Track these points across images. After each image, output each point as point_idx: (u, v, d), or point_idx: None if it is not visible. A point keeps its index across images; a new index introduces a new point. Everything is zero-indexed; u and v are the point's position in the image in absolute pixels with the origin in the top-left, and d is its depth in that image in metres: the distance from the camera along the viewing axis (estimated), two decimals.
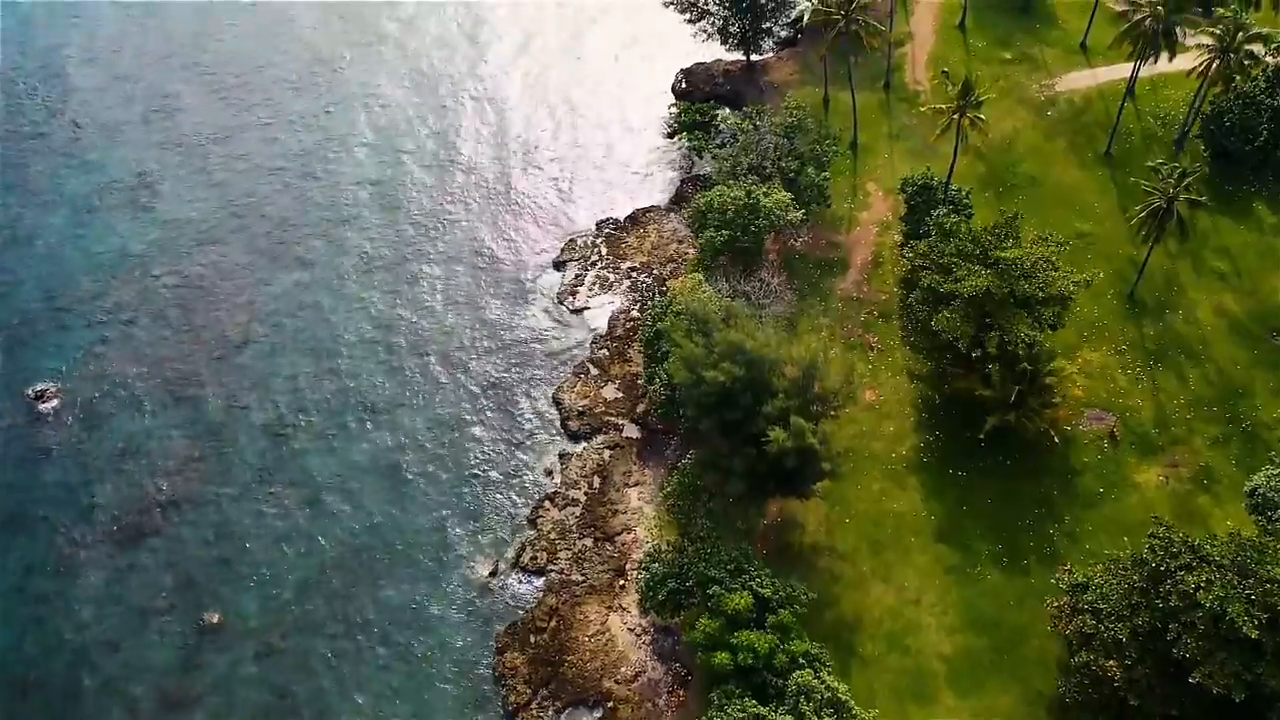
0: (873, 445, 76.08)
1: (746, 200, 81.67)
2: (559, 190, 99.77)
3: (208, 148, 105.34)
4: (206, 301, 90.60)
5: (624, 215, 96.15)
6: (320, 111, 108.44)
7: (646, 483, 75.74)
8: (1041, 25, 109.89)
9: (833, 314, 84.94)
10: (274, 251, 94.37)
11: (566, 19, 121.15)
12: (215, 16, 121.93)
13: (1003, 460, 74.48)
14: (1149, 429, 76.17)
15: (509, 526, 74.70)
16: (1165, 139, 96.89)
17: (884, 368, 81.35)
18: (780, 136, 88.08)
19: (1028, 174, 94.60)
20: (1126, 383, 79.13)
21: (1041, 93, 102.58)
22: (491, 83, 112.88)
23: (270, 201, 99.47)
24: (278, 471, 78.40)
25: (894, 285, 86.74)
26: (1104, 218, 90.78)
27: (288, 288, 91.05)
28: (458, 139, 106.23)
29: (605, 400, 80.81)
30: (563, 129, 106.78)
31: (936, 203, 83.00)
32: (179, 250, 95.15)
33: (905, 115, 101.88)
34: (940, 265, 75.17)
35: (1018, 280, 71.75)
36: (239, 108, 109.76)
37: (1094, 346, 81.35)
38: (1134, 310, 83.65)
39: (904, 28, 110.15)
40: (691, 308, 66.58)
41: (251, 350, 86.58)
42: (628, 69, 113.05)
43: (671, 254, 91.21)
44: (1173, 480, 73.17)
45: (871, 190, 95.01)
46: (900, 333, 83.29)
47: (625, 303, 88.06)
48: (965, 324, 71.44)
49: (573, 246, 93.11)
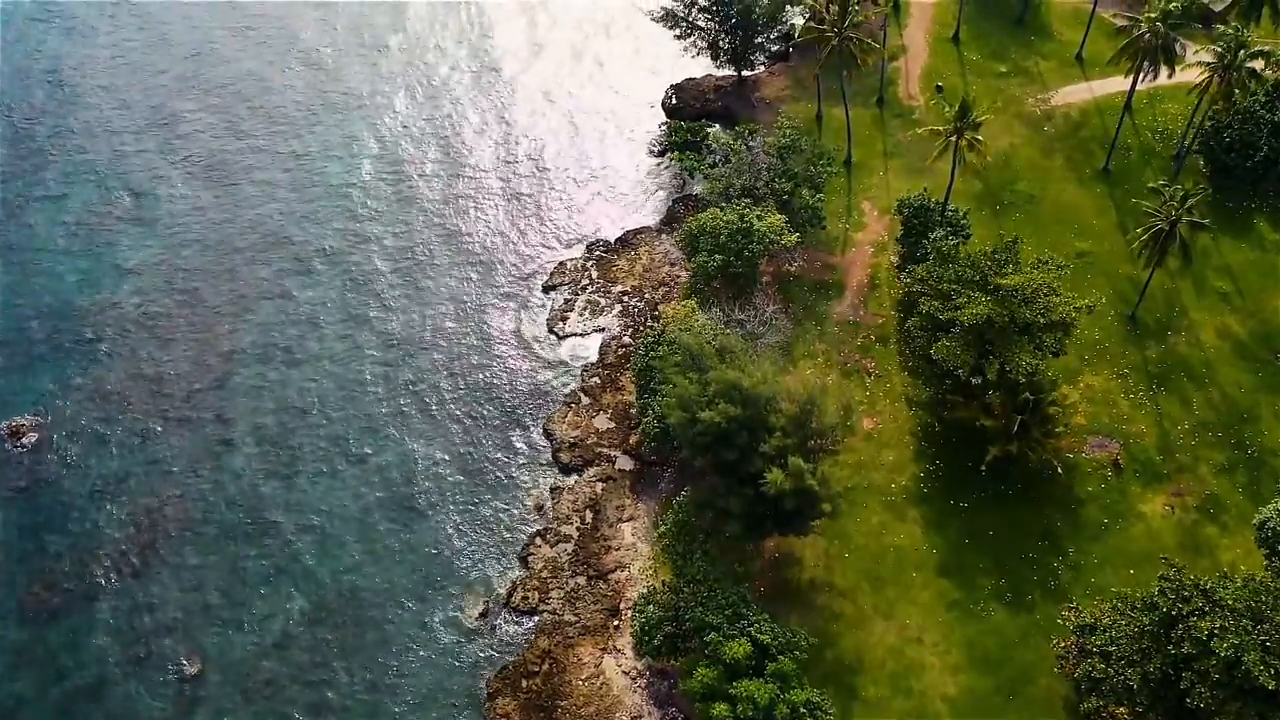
0: (872, 476, 74.26)
1: (739, 224, 79.80)
2: (548, 211, 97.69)
3: (193, 167, 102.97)
4: (188, 331, 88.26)
5: (614, 237, 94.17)
6: (306, 135, 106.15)
7: (640, 517, 73.75)
8: (1036, 37, 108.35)
9: (829, 338, 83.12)
10: (256, 279, 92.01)
11: (546, 33, 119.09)
12: (212, 27, 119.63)
13: (1004, 490, 72.76)
14: (1153, 456, 74.53)
15: (499, 564, 72.62)
16: (1164, 154, 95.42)
17: (882, 394, 79.54)
18: (773, 157, 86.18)
19: (1025, 191, 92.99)
20: (1129, 408, 77.50)
21: (1038, 107, 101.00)
22: (480, 103, 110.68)
23: (253, 225, 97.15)
24: (261, 510, 76.16)
25: (891, 308, 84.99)
26: (1103, 236, 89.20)
27: (270, 317, 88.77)
28: (444, 161, 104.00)
29: (597, 431, 78.80)
30: (551, 148, 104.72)
31: (934, 224, 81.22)
32: (161, 277, 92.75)
33: (899, 131, 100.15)
34: (939, 291, 73.42)
35: (1018, 306, 70.05)
36: (227, 123, 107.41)
37: (1095, 370, 79.71)
38: (1135, 332, 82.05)
39: (897, 40, 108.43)
40: (685, 342, 64.57)
41: (234, 382, 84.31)
42: (617, 84, 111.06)
43: (663, 277, 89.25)
44: (1178, 510, 71.54)
45: (866, 209, 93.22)
46: (898, 357, 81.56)
47: (617, 328, 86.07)
48: (965, 352, 69.69)
49: (562, 270, 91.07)
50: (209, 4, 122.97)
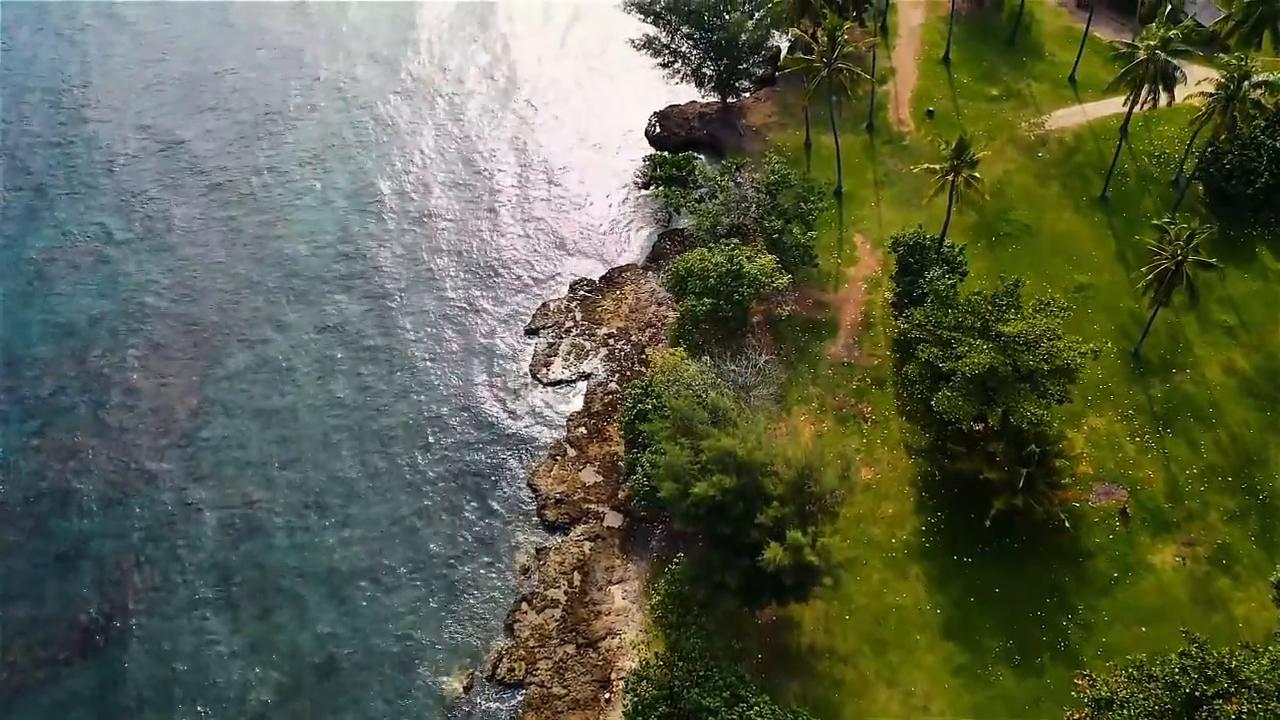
0: (871, 530, 71.23)
1: (729, 266, 76.74)
2: (529, 249, 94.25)
3: (155, 208, 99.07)
4: (155, 382, 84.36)
5: (599, 275, 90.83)
6: (276, 173, 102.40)
7: (631, 579, 70.49)
8: (1028, 58, 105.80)
9: (822, 382, 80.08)
10: (225, 325, 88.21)
11: (524, 62, 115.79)
12: (182, 52, 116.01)
13: (1009, 543, 69.89)
14: (1161, 503, 71.83)
15: (483, 633, 69.13)
16: (1162, 179, 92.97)
17: (879, 441, 76.53)
18: (762, 193, 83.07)
19: (1021, 221, 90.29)
20: (1135, 451, 74.81)
21: (1031, 132, 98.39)
22: (455, 135, 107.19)
23: (221, 269, 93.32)
24: (230, 577, 72.43)
25: (886, 348, 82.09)
26: (1103, 268, 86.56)
27: (240, 367, 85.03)
28: (421, 199, 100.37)
29: (584, 485, 75.49)
30: (531, 181, 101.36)
31: (929, 262, 78.33)
32: (126, 324, 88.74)
33: (890, 159, 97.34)
34: (938, 338, 70.54)
35: (1021, 352, 67.26)
36: (188, 163, 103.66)
37: (1099, 411, 76.99)
38: (1139, 370, 79.39)
39: (885, 63, 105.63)
40: (675, 406, 61.36)
41: (202, 438, 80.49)
42: (598, 112, 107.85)
43: (650, 317, 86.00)
44: (1190, 561, 68.84)
45: (858, 243, 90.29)
46: (895, 401, 78.61)
47: (602, 373, 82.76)
48: (967, 404, 66.86)
49: (545, 312, 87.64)
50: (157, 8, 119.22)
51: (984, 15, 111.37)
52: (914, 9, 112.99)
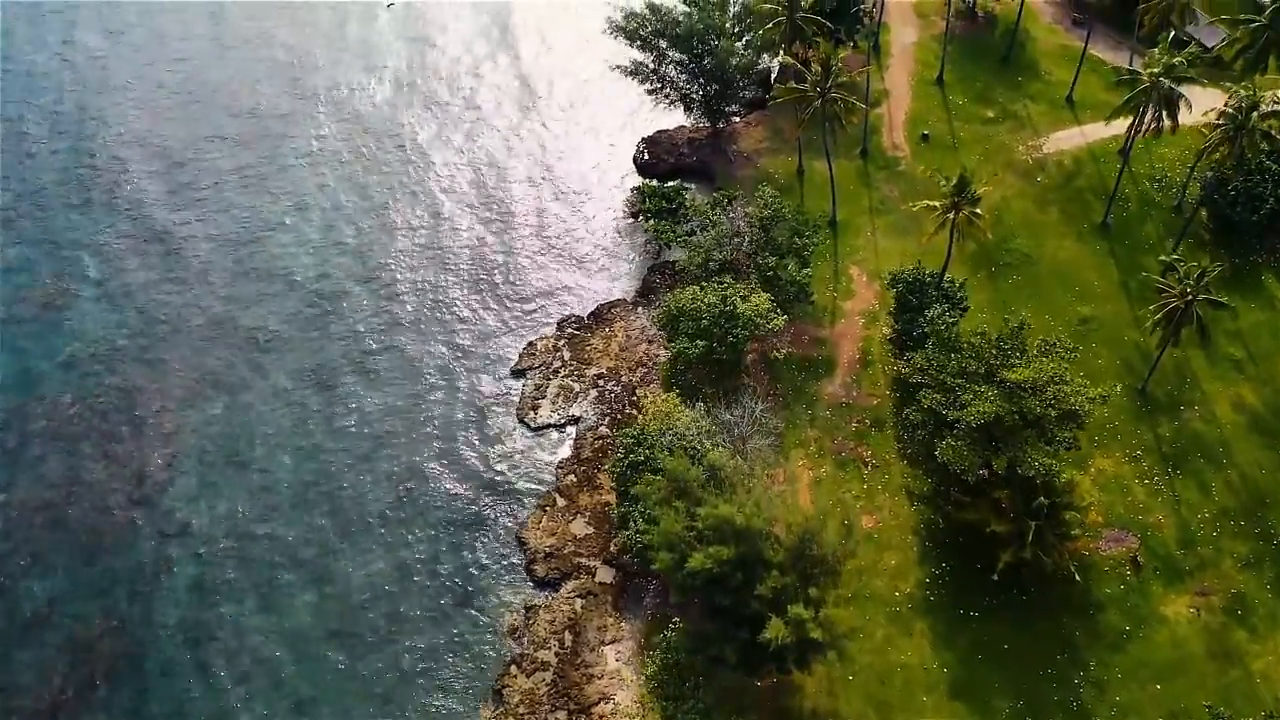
0: (873, 583, 68.54)
1: (722, 307, 73.93)
2: (515, 284, 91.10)
3: (127, 240, 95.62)
4: (127, 431, 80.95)
5: (587, 312, 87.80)
6: (248, 205, 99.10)
7: (625, 638, 67.63)
8: (1024, 77, 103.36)
9: (820, 423, 77.37)
10: (201, 370, 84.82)
11: (509, 86, 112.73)
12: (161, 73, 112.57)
13: (1017, 595, 67.34)
14: (1173, 550, 69.43)
15: (470, 700, 66.10)
16: (1163, 203, 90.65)
17: (880, 487, 73.87)
18: (755, 227, 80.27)
19: (1021, 250, 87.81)
20: (1145, 495, 72.36)
21: (1029, 155, 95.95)
22: (435, 163, 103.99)
23: (197, 307, 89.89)
24: (205, 640, 69.22)
25: (886, 387, 79.45)
26: (1106, 298, 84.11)
27: (215, 414, 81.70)
28: (402, 230, 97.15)
29: (574, 538, 72.56)
30: (516, 211, 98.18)
31: (929, 300, 75.68)
32: (98, 368, 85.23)
33: (885, 185, 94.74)
34: (941, 383, 67.93)
35: (1027, 398, 64.69)
36: (165, 192, 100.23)
37: (1107, 452, 74.52)
38: (1146, 408, 76.94)
39: (878, 84, 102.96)
40: (669, 468, 58.50)
41: (175, 491, 77.21)
42: (585, 139, 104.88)
43: (640, 356, 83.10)
44: (1204, 612, 66.46)
45: (854, 275, 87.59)
46: (896, 444, 75.98)
47: (592, 417, 79.77)
48: (972, 454, 64.31)
49: (532, 351, 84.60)
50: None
51: (978, 33, 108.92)
52: (906, 27, 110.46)
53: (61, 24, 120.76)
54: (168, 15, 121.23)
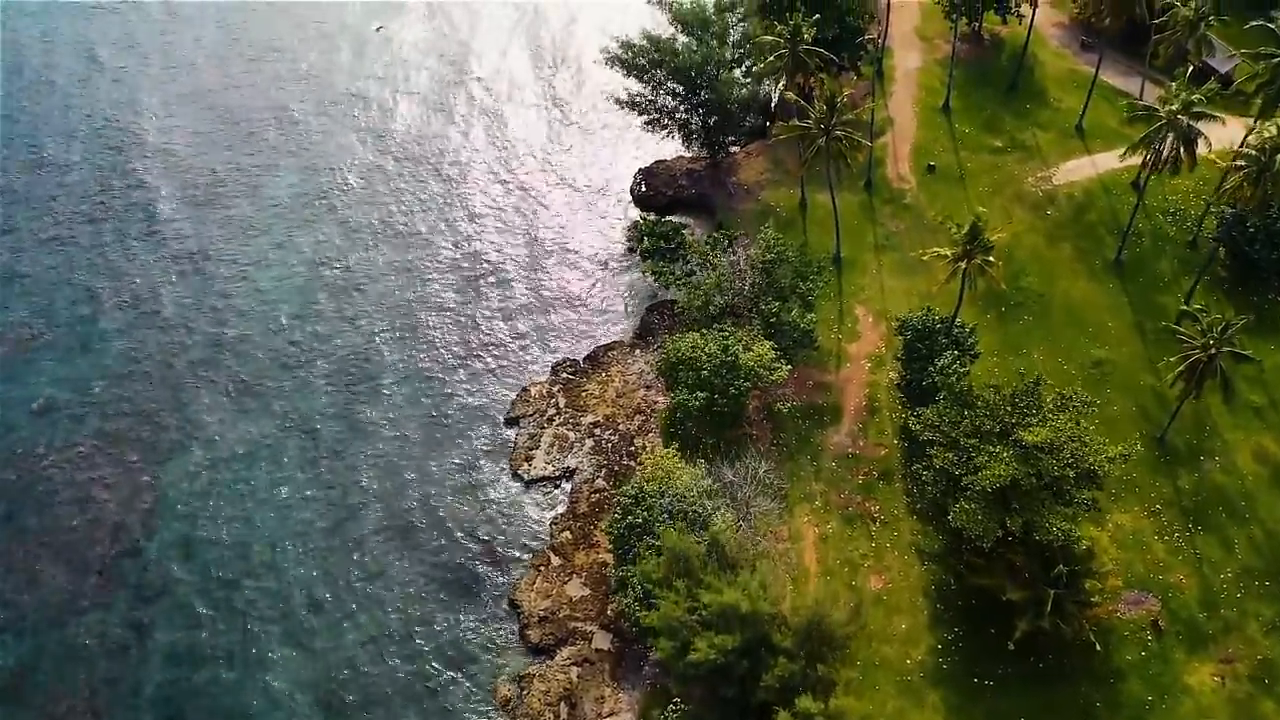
0: (883, 650, 65.44)
1: (723, 357, 70.81)
2: (508, 326, 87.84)
3: (113, 280, 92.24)
4: (104, 484, 77.61)
5: (583, 355, 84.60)
6: (230, 243, 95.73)
7: (623, 710, 64.49)
8: (1031, 105, 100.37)
9: (826, 476, 74.26)
10: (178, 416, 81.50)
11: (502, 116, 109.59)
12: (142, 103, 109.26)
13: (1034, 663, 64.25)
14: (1195, 613, 66.39)
15: None
16: (1178, 239, 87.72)
17: (889, 544, 70.77)
18: (757, 269, 77.16)
19: (1032, 289, 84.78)
20: (1165, 552, 69.33)
21: (1039, 187, 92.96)
22: (425, 194, 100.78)
23: (179, 349, 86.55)
24: (176, 715, 65.88)
25: (893, 436, 76.35)
26: (1120, 341, 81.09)
27: (195, 465, 78.46)
28: (390, 268, 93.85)
29: (570, 600, 69.40)
30: (509, 248, 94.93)
31: (939, 347, 72.58)
32: (74, 415, 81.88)
33: (891, 220, 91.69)
34: (953, 440, 64.83)
35: (1044, 459, 61.64)
36: (144, 231, 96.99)
37: (1124, 506, 71.44)
38: (1165, 459, 73.91)
39: (882, 112, 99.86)
40: (670, 544, 55.38)
41: (153, 548, 73.94)
42: (580, 170, 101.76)
43: (638, 403, 79.94)
44: (1229, 681, 63.42)
45: (860, 315, 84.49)
46: (905, 498, 72.85)
47: (588, 468, 76.61)
48: (987, 519, 61.18)
49: (526, 398, 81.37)
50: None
51: (983, 57, 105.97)
52: (909, 51, 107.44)
53: (39, 57, 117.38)
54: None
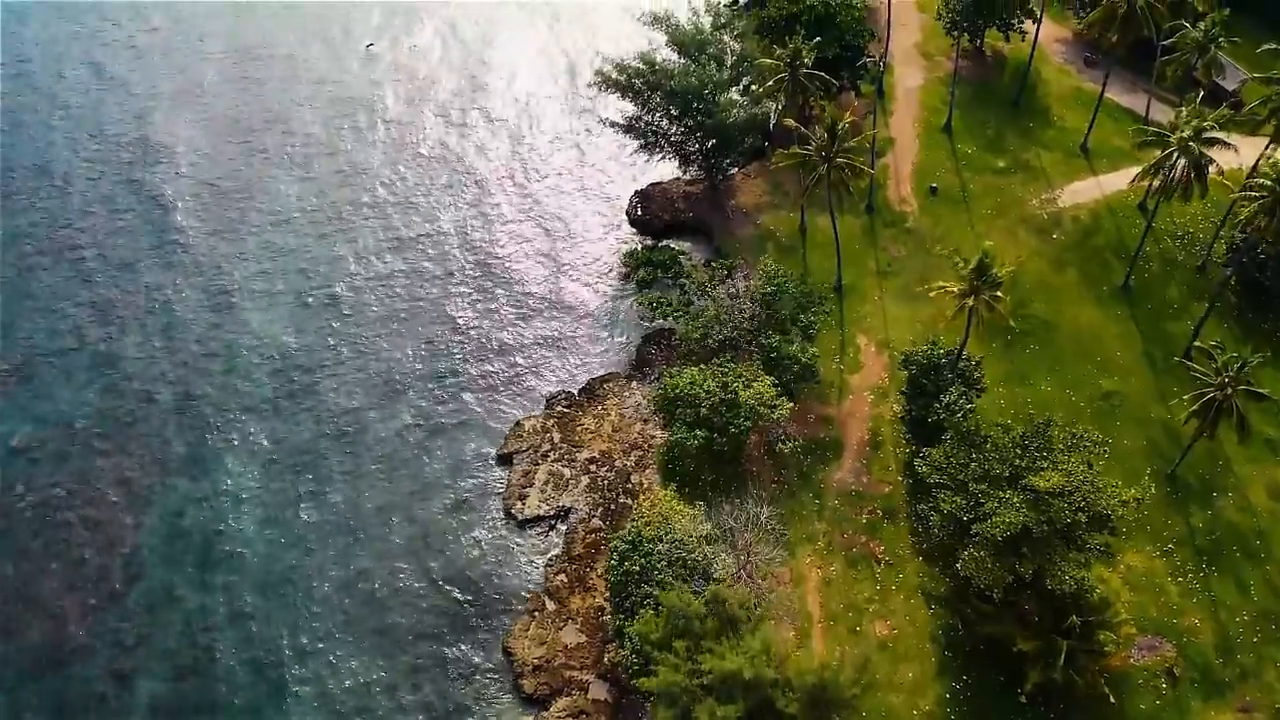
0: (889, 700, 63.29)
1: (722, 395, 68.63)
2: (500, 357, 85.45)
3: (90, 309, 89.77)
4: (84, 527, 75.02)
5: (578, 387, 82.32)
6: (212, 274, 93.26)
7: None
8: (1035, 123, 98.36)
9: (829, 514, 72.11)
10: (163, 456, 79.03)
11: (494, 139, 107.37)
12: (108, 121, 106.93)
13: (1045, 713, 62.24)
14: (1212, 659, 64.34)
15: None
16: (1187, 263, 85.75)
17: (894, 587, 68.61)
18: (757, 304, 74.95)
19: (1039, 316, 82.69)
20: (1179, 595, 67.27)
21: (1043, 209, 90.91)
22: (414, 217, 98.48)
23: (165, 380, 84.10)
24: None
25: (898, 472, 74.23)
26: (1130, 371, 79.02)
27: (178, 504, 76.04)
28: (378, 290, 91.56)
29: (565, 647, 67.17)
30: (501, 274, 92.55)
31: (945, 383, 70.42)
32: (52, 454, 79.31)
33: (893, 244, 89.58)
34: (960, 484, 62.72)
35: (1056, 503, 59.54)
36: (124, 256, 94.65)
37: (1136, 546, 69.33)
38: (1177, 495, 71.89)
39: (883, 131, 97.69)
40: (670, 603, 53.20)
41: (136, 595, 71.50)
42: (574, 191, 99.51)
43: (635, 438, 77.71)
44: None
45: (862, 345, 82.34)
46: (910, 538, 70.76)
47: (584, 507, 74.35)
48: (998, 567, 59.09)
49: (520, 433, 79.06)
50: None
51: (986, 75, 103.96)
52: (910, 68, 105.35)
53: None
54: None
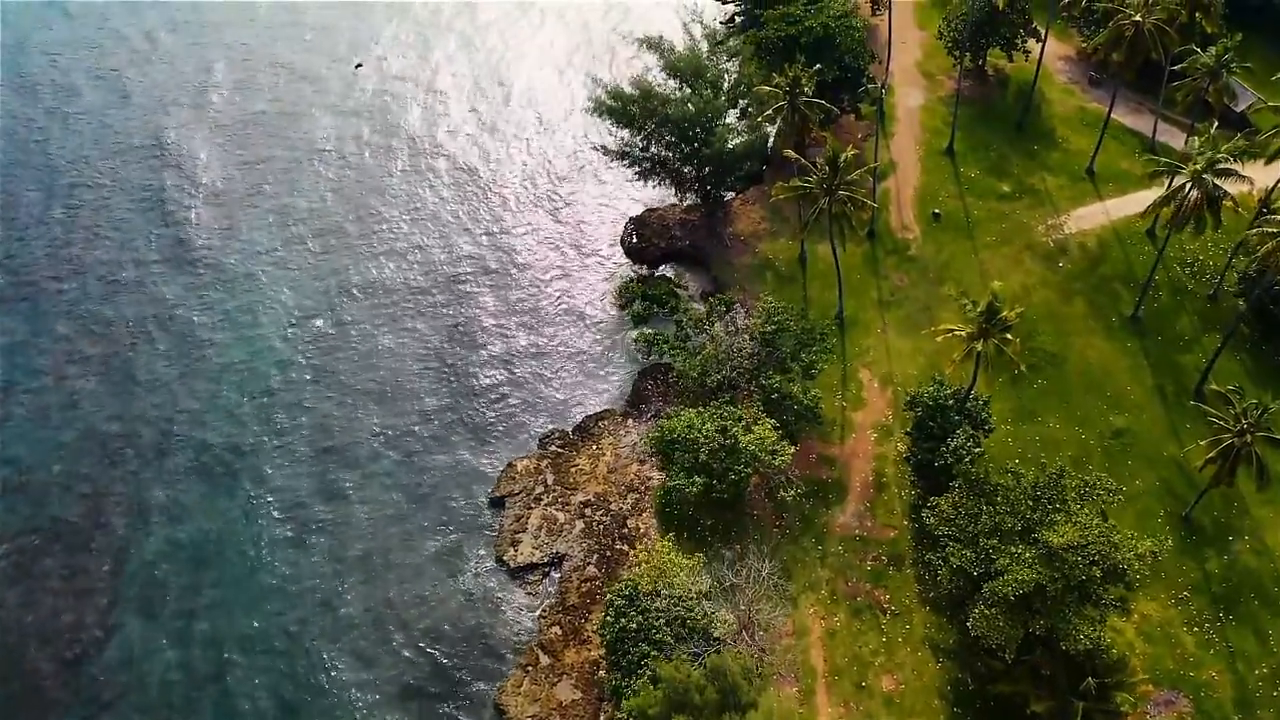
0: None
1: (722, 440, 66.14)
2: (492, 394, 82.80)
3: (78, 343, 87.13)
4: (59, 577, 72.38)
5: (572, 425, 79.76)
6: (199, 309, 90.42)
7: None
8: (1040, 145, 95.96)
9: (832, 561, 69.66)
10: (141, 501, 76.30)
11: (487, 165, 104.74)
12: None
13: None
14: (1229, 714, 62.07)
15: None
16: (1197, 292, 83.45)
17: (901, 638, 66.18)
18: (757, 343, 72.45)
19: (1046, 349, 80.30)
20: (1195, 646, 64.94)
21: (1049, 236, 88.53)
22: (408, 251, 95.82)
23: (144, 420, 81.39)
24: None
25: (903, 516, 71.80)
26: (1141, 407, 76.67)
27: (155, 554, 73.35)
28: (366, 322, 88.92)
29: (560, 704, 64.63)
30: (494, 307, 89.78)
31: (952, 425, 67.97)
32: (26, 505, 76.35)
33: (895, 272, 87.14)
34: (969, 535, 60.33)
35: (1070, 558, 57.14)
36: (112, 291, 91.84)
37: (1150, 594, 66.90)
38: (1191, 539, 69.57)
39: (884, 154, 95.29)
40: (667, 676, 50.70)
41: (113, 648, 68.88)
42: (568, 219, 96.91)
43: (631, 479, 75.16)
44: None
45: (865, 380, 79.86)
46: (916, 586, 68.34)
47: (579, 554, 71.79)
48: (1010, 626, 56.72)
49: (512, 475, 76.47)
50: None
51: (988, 95, 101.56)
52: (911, 88, 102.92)
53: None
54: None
